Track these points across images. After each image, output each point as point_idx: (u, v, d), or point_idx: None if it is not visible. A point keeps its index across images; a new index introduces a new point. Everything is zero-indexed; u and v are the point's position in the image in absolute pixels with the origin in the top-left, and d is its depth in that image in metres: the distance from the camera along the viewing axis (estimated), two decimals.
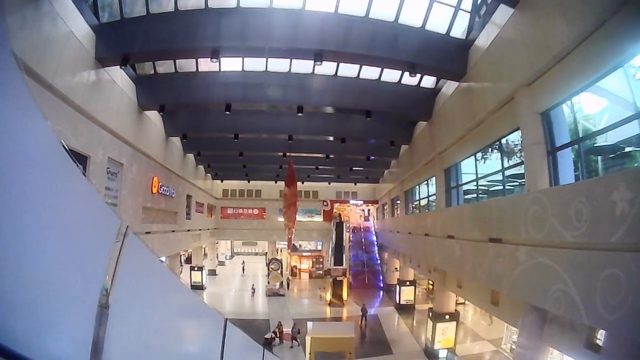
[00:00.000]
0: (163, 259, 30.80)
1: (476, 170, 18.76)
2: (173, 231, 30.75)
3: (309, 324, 17.33)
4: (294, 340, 25.34)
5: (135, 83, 21.30)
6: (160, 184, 26.78)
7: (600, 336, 9.85)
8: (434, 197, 25.40)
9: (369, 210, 59.88)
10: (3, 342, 1.54)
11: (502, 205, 14.06)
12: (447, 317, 23.61)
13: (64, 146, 2.21)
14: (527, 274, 11.45)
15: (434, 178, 24.81)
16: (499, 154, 16.82)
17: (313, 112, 26.76)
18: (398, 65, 19.33)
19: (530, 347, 12.51)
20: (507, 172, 16.16)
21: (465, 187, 21.11)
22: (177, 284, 4.26)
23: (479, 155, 18.64)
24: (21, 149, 1.91)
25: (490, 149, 17.97)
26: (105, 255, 2.56)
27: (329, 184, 53.74)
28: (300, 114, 23.38)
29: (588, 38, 9.96)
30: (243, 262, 61.74)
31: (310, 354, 17.15)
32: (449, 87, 20.28)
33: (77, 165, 2.39)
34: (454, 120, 19.74)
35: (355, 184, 54.09)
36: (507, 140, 16.03)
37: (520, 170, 14.98)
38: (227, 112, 23.06)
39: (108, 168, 18.82)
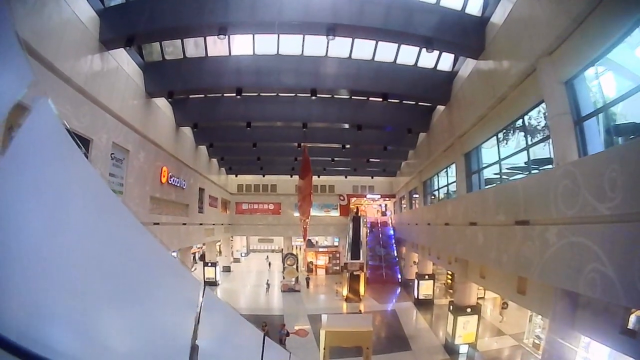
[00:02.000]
0: (174, 253, 30.31)
1: (498, 152, 17.64)
2: (184, 224, 30.10)
3: (324, 317, 15.98)
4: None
5: (142, 70, 20.68)
6: (170, 174, 26.07)
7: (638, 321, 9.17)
8: (453, 185, 24.48)
9: (386, 205, 59.23)
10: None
11: (529, 184, 13.13)
12: (468, 310, 22.76)
13: (67, 128, 2.13)
14: (558, 256, 10.47)
15: (453, 165, 23.85)
16: (522, 133, 15.82)
17: (328, 98, 26.33)
18: (414, 41, 18.31)
19: (562, 335, 11.57)
20: (532, 157, 15.02)
21: (486, 175, 20.03)
22: (234, 315, 4.58)
23: (501, 136, 17.58)
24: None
25: (512, 130, 16.92)
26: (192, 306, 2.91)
27: (345, 177, 52.73)
28: (314, 98, 22.77)
29: None
30: (267, 257, 62.15)
31: (324, 349, 15.65)
32: (467, 68, 19.47)
33: (80, 147, 2.25)
34: (473, 101, 18.87)
35: (372, 178, 53.10)
36: (529, 117, 14.99)
37: (544, 153, 13.98)
38: (239, 97, 22.81)
39: (112, 154, 18.23)
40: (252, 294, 41.18)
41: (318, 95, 23.23)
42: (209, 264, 43.63)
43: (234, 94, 22.59)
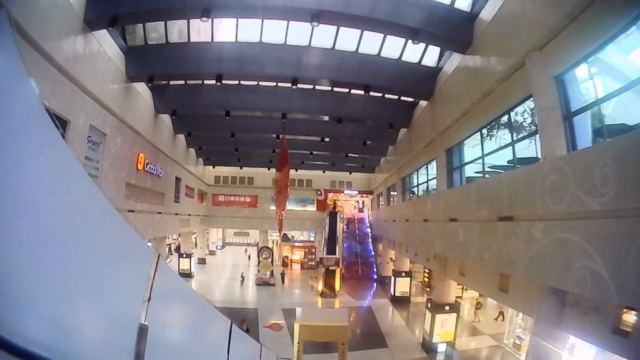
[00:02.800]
0: (149, 242, 29.80)
1: (482, 148, 17.40)
2: (159, 213, 29.63)
3: (298, 310, 15.43)
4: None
5: (124, 54, 20.36)
6: (146, 161, 25.59)
7: (630, 320, 8.87)
8: (433, 181, 24.17)
9: (363, 202, 59.16)
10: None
11: (514, 179, 12.78)
12: (447, 308, 22.57)
13: (46, 108, 2.13)
14: (544, 253, 10.21)
15: (434, 162, 23.58)
16: (507, 130, 15.60)
17: (309, 90, 26.15)
18: (401, 31, 17.94)
19: (548, 335, 11.32)
20: (515, 156, 14.79)
21: (467, 174, 19.87)
22: (198, 298, 4.68)
23: (485, 132, 17.37)
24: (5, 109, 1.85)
25: (497, 126, 16.68)
26: (142, 278, 2.85)
27: (324, 172, 52.66)
28: (295, 87, 22.54)
29: None
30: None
31: (298, 343, 14.88)
32: (452, 64, 19.34)
33: (58, 127, 2.26)
34: (458, 96, 18.66)
35: (351, 174, 53.18)
36: (516, 112, 14.75)
37: (529, 153, 13.77)
38: (219, 84, 22.34)
39: (89, 137, 17.89)
40: (227, 287, 40.83)
41: (299, 85, 23.09)
42: (184, 255, 43.21)
43: (215, 82, 22.10)
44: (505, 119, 15.43)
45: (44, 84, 13.52)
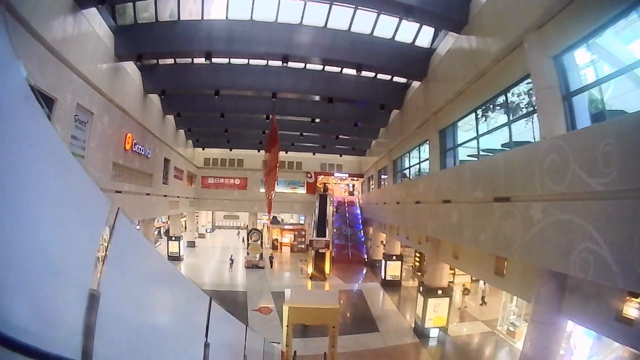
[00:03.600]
0: (137, 226, 29.49)
1: (477, 129, 17.11)
2: (148, 194, 29.31)
3: (287, 291, 14.89)
4: None
5: (114, 33, 19.93)
6: (134, 141, 25.17)
7: (635, 306, 8.66)
8: (426, 163, 23.89)
9: (353, 185, 59.15)
10: None
11: (511, 158, 12.53)
12: (439, 292, 22.31)
13: (31, 85, 2.02)
14: (543, 235, 9.94)
15: (426, 144, 23.32)
16: (503, 110, 15.36)
17: (300, 70, 25.70)
18: (395, 9, 17.47)
19: (546, 321, 11.06)
20: (509, 140, 14.55)
21: (460, 158, 19.65)
22: (164, 263, 4.15)
23: (480, 113, 17.06)
24: None
25: (492, 107, 16.39)
26: (96, 237, 2.50)
27: (314, 154, 51.99)
28: (285, 65, 22.24)
29: None
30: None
31: (287, 326, 13.99)
32: (446, 45, 18.98)
33: (43, 108, 2.12)
34: (452, 76, 18.28)
35: (341, 156, 52.86)
36: (512, 93, 14.50)
37: (527, 137, 13.50)
38: (208, 63, 22.19)
39: (76, 115, 17.61)
40: (216, 270, 40.56)
41: (290, 65, 22.92)
42: (173, 238, 42.84)
43: (204, 60, 21.83)
44: (501, 100, 15.21)
45: (31, 62, 13.27)
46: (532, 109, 12.93)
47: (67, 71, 16.03)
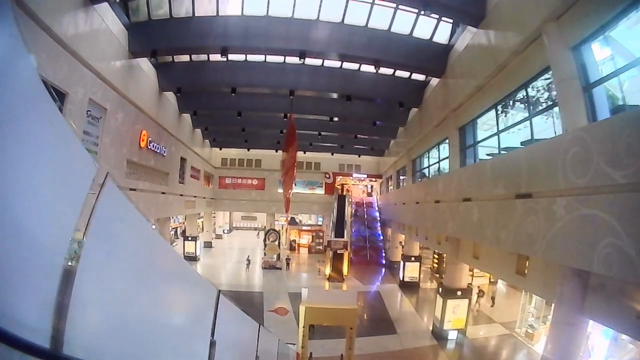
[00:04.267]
0: (153, 223, 29.36)
1: (497, 124, 16.67)
2: (163, 193, 29.16)
3: (304, 291, 14.46)
4: None
5: (128, 30, 20.00)
6: (149, 138, 25.05)
7: None
8: (445, 162, 23.56)
9: (372, 186, 58.76)
10: None
11: (533, 153, 12.12)
12: (459, 293, 21.86)
13: (44, 80, 2.29)
14: (567, 231, 9.54)
15: (446, 142, 22.87)
16: (523, 106, 14.99)
17: (317, 67, 25.57)
18: (412, 3, 17.44)
19: (569, 322, 10.62)
20: (529, 137, 14.11)
21: (480, 156, 19.13)
22: (162, 244, 4.01)
23: (500, 109, 16.68)
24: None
25: (512, 103, 16.03)
26: (77, 206, 2.34)
27: (332, 154, 51.71)
28: (302, 61, 22.11)
29: None
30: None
31: (303, 327, 13.63)
32: (464, 41, 18.78)
33: (55, 100, 2.24)
34: (471, 71, 17.96)
35: (359, 157, 52.49)
36: (532, 87, 14.10)
37: (549, 134, 13.02)
38: (225, 59, 22.53)
39: (89, 111, 17.52)
40: (233, 271, 40.33)
41: (307, 61, 22.89)
42: (189, 238, 42.75)
43: (220, 58, 22.01)
44: (521, 95, 14.91)
45: (40, 55, 13.12)
46: (552, 103, 12.64)
47: (79, 66, 15.93)
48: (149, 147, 25.23)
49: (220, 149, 51.72)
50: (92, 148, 18.11)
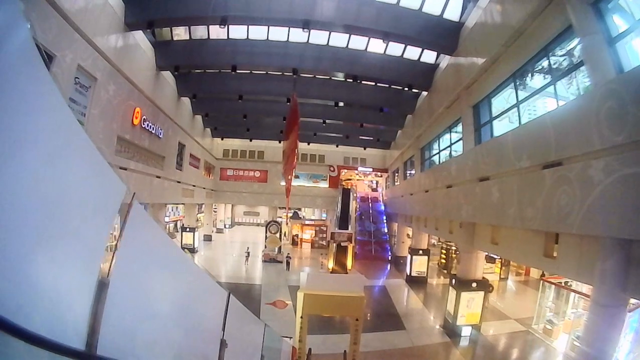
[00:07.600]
0: (144, 207, 28.33)
1: (517, 95, 15.35)
2: (158, 177, 28.18)
3: (302, 275, 12.44)
4: None
5: (125, 3, 19.48)
6: (143, 117, 23.99)
7: None
8: (457, 145, 22.40)
9: (377, 182, 58.09)
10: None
11: (561, 116, 11.15)
12: (473, 285, 20.42)
13: (35, 41, 2.14)
14: (607, 197, 8.71)
15: (459, 123, 21.72)
16: (542, 76, 13.93)
17: (322, 45, 24.58)
18: None
19: (609, 304, 9.51)
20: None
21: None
22: (184, 258, 4.39)
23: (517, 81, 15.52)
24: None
25: (531, 73, 14.78)
26: (107, 224, 2.66)
27: (337, 146, 50.67)
28: (307, 39, 21.90)
29: None
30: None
31: (301, 317, 11.18)
32: (475, 16, 18.01)
33: (45, 62, 2.24)
34: (485, 43, 16.87)
35: (365, 149, 51.23)
36: (553, 53, 13.06)
37: None
38: (223, 28, 20.97)
39: (77, 78, 16.84)
40: (232, 263, 39.43)
41: (312, 40, 22.85)
42: (187, 229, 41.96)
43: (220, 36, 21.57)
44: (539, 64, 13.98)
45: (31, 14, 12.53)
46: (575, 64, 11.72)
47: (70, 30, 15.32)
48: (143, 126, 24.23)
49: (222, 139, 50.79)
50: (80, 118, 17.28)
